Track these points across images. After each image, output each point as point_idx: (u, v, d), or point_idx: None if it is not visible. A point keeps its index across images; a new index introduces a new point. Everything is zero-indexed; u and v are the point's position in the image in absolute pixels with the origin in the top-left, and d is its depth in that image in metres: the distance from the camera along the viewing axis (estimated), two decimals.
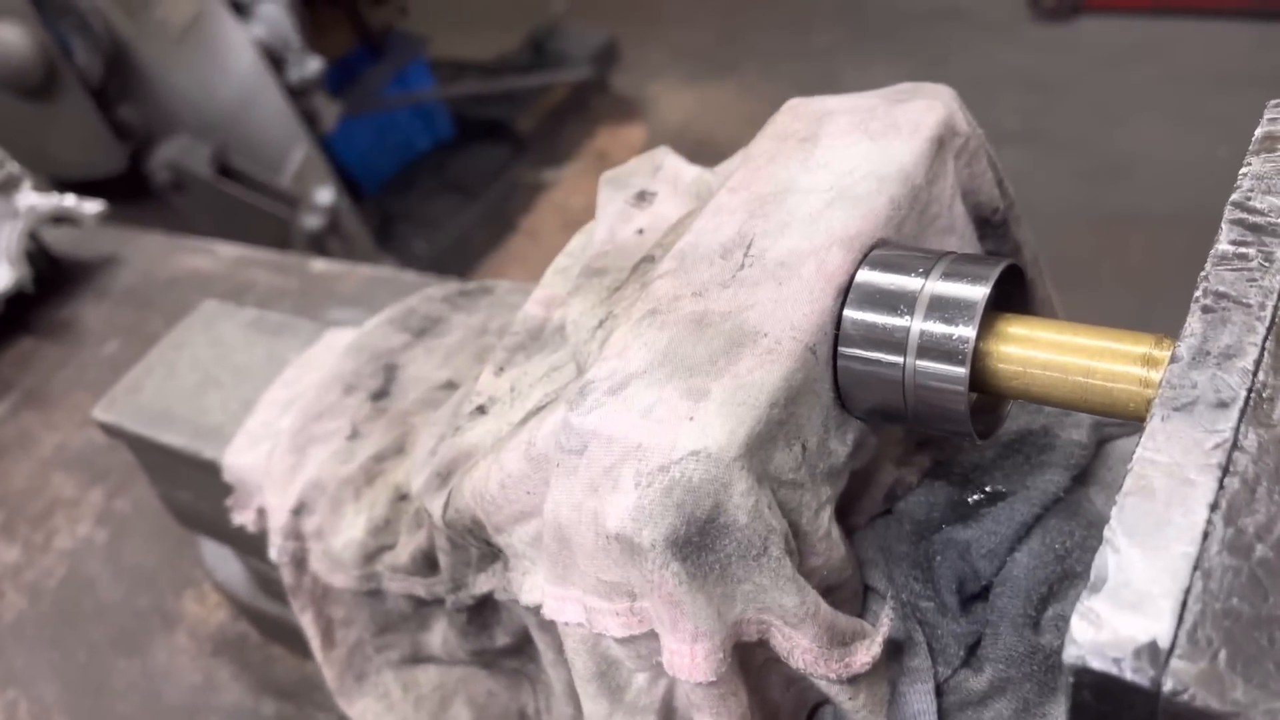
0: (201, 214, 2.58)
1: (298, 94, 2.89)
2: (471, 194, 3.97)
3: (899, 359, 0.46)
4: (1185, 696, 0.32)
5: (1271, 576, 0.35)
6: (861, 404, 0.49)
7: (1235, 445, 0.38)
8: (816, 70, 4.25)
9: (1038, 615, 0.52)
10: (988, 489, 0.57)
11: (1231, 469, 0.37)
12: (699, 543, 0.42)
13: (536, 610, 0.52)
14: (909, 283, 0.47)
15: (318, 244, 2.79)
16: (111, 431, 0.92)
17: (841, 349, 0.47)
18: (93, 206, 1.66)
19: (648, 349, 0.47)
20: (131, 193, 2.55)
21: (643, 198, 0.64)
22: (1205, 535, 0.36)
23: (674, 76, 4.54)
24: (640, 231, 0.61)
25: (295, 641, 0.95)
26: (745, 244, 0.50)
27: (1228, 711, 0.31)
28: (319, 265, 1.59)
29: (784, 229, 0.50)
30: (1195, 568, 0.35)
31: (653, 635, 0.46)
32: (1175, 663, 0.33)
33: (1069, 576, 0.53)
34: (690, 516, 0.42)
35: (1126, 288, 2.95)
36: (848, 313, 0.48)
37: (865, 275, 0.48)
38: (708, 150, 0.62)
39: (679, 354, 0.46)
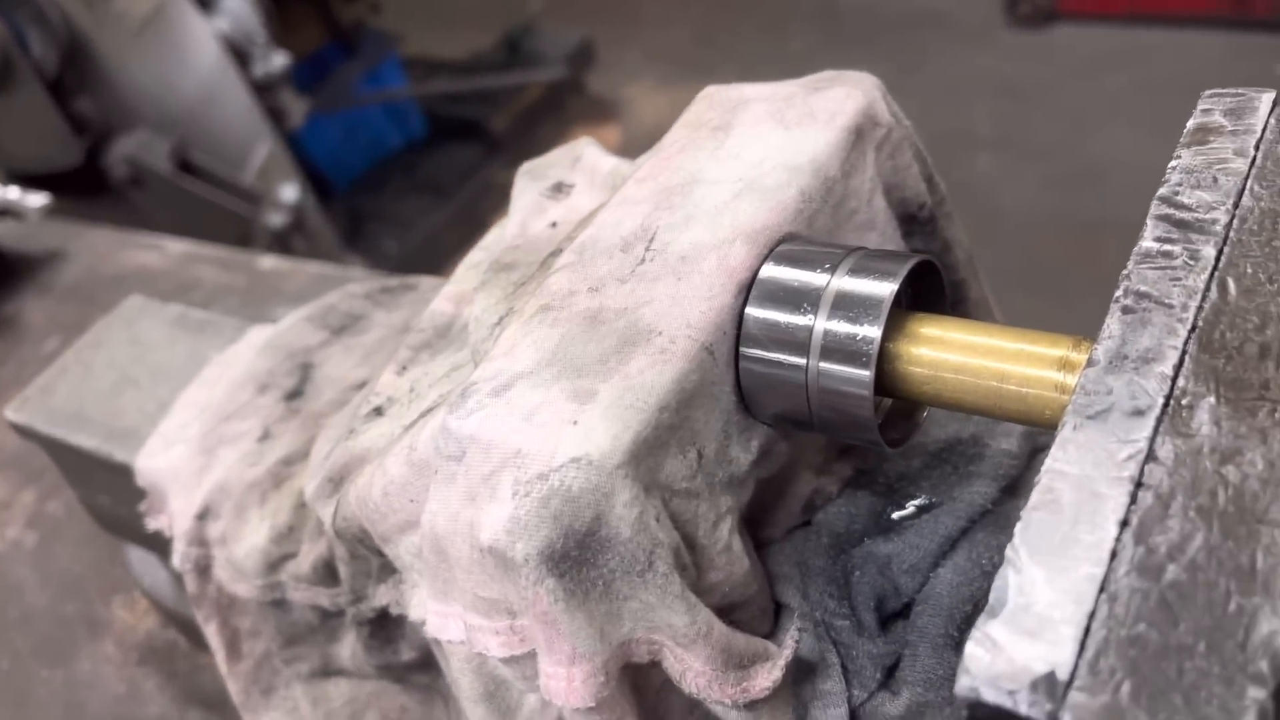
0: (161, 210, 2.52)
1: (263, 90, 2.83)
2: (443, 194, 3.91)
3: (801, 360, 0.43)
4: None
5: (1182, 600, 0.32)
6: (766, 408, 0.45)
7: (1150, 456, 0.35)
8: (793, 74, 4.18)
9: (960, 635, 0.49)
10: (913, 500, 0.54)
11: (1145, 482, 0.35)
12: (578, 557, 0.39)
13: (423, 626, 0.49)
14: (814, 279, 0.43)
15: (281, 242, 2.74)
16: (24, 433, 0.88)
17: (743, 349, 0.44)
18: (36, 200, 1.61)
19: (536, 348, 0.44)
20: (89, 187, 2.49)
21: (559, 189, 0.61)
22: (1113, 555, 0.33)
23: (650, 78, 4.51)
24: (554, 225, 0.58)
25: None
26: (648, 237, 0.47)
27: None
28: (267, 262, 1.55)
29: (689, 221, 0.47)
30: (1101, 590, 0.32)
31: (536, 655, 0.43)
32: (1074, 696, 0.30)
33: None
34: (568, 529, 0.39)
35: (1098, 295, 2.91)
36: (749, 310, 0.44)
37: (769, 270, 0.44)
38: None
39: (569, 353, 0.43)
